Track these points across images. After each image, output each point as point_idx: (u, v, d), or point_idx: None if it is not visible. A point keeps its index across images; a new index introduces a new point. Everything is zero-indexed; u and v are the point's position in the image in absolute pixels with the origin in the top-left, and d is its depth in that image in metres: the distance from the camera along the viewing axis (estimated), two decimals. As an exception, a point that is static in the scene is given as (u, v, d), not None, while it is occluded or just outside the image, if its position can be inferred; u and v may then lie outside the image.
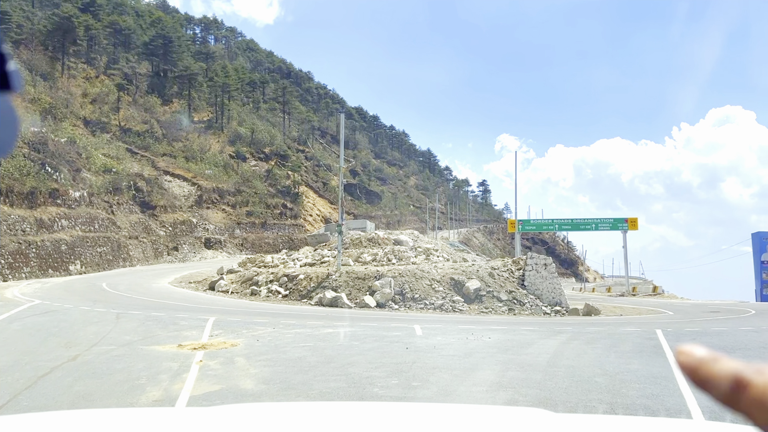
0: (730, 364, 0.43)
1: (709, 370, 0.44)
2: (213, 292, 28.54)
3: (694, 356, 0.45)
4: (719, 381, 0.43)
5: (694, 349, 0.46)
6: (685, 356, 0.45)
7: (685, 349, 0.47)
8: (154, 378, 8.98)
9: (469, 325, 16.35)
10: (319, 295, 24.77)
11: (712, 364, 0.44)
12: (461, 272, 26.89)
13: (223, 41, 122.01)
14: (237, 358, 10.40)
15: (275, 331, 13.78)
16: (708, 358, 0.45)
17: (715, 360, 0.44)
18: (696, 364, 0.44)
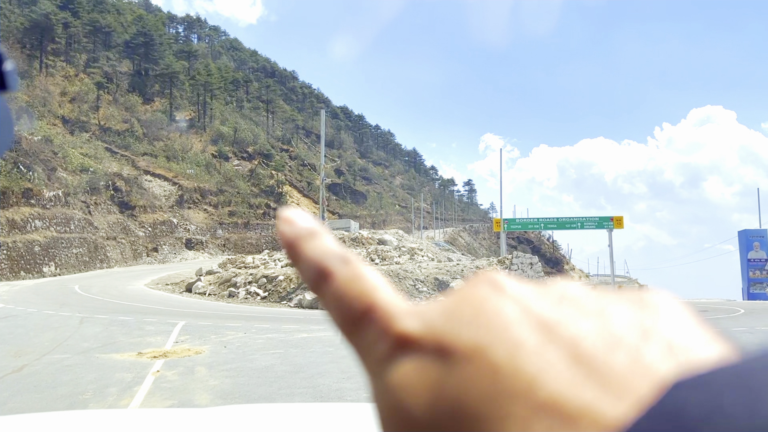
0: (324, 245, 0.37)
1: (303, 248, 0.38)
2: (190, 294, 27.54)
3: (295, 228, 0.39)
4: (308, 263, 0.37)
5: (297, 219, 0.39)
6: (287, 226, 0.39)
7: (288, 216, 0.39)
8: (102, 392, 8.07)
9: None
10: (298, 297, 23.87)
11: (308, 240, 0.38)
12: (446, 272, 26.12)
13: (206, 40, 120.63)
14: (198, 368, 9.50)
15: (245, 337, 12.89)
16: (306, 233, 0.38)
17: (312, 236, 0.38)
18: (293, 238, 0.38)
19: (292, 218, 0.39)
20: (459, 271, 26.29)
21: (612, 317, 0.29)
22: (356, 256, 0.37)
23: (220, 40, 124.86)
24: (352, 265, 0.37)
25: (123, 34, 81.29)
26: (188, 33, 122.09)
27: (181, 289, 28.73)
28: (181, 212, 55.89)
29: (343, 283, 0.36)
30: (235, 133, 73.68)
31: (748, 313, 23.23)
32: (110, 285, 29.46)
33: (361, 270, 0.37)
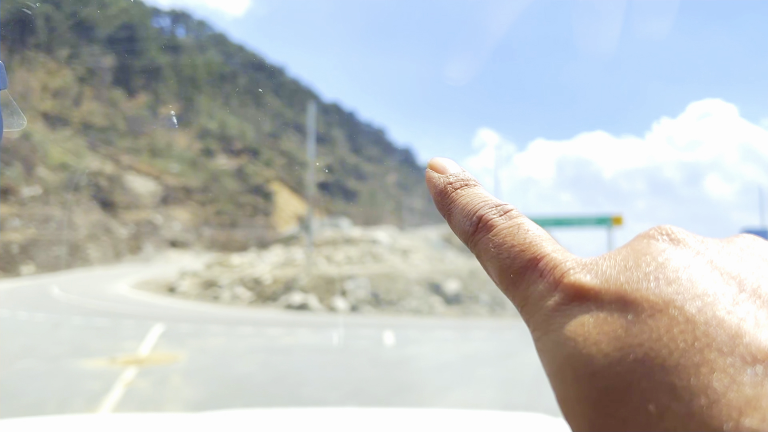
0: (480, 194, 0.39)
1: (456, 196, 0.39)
2: (172, 296, 27.07)
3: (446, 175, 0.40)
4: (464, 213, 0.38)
5: (448, 166, 0.41)
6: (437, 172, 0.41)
7: (438, 163, 0.41)
8: (66, 403, 7.68)
9: (447, 331, 15.21)
10: (285, 299, 23.46)
11: (461, 189, 0.39)
12: (439, 272, 25.77)
13: (193, 33, 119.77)
14: (173, 376, 9.11)
15: (227, 342, 12.50)
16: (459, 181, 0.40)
17: (466, 185, 0.40)
18: (445, 186, 0.40)
19: (443, 164, 0.40)
20: (453, 271, 25.95)
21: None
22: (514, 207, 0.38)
23: (206, 34, 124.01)
24: (512, 214, 0.37)
25: (107, 27, 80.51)
26: (174, 27, 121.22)
27: (163, 291, 28.25)
28: (165, 211, 55.34)
29: (504, 233, 0.36)
30: (222, 129, 73.09)
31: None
32: (90, 286, 28.96)
33: (522, 220, 0.37)
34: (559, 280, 0.32)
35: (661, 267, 0.30)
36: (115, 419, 1.81)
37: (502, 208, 0.38)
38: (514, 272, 0.35)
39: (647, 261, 0.31)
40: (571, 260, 0.33)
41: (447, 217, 0.40)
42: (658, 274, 0.30)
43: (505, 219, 0.37)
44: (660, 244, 0.32)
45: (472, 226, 0.37)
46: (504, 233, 0.36)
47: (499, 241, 0.36)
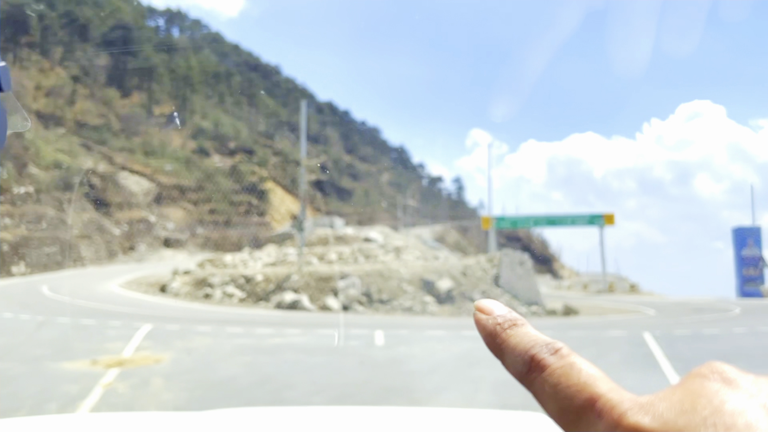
0: (529, 334, 0.40)
1: (506, 337, 0.40)
2: (163, 295, 26.64)
3: (494, 317, 0.41)
4: (515, 354, 0.39)
5: (495, 308, 0.41)
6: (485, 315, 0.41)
7: (485, 305, 0.42)
8: (40, 407, 7.28)
9: (438, 331, 14.85)
10: (277, 298, 23.07)
11: (510, 330, 0.40)
12: (432, 271, 25.42)
13: (187, 33, 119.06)
14: (154, 379, 8.72)
15: (214, 342, 12.11)
16: (507, 322, 0.41)
17: (514, 325, 0.40)
18: (494, 328, 0.41)
19: (490, 307, 0.41)
20: (446, 270, 25.60)
21: None
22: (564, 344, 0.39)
23: (201, 34, 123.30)
24: (564, 354, 0.38)
25: (101, 26, 79.80)
26: (169, 26, 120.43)
27: (154, 290, 27.82)
28: (159, 210, 54.82)
29: (558, 373, 0.37)
30: (216, 128, 72.55)
31: (745, 312, 22.74)
32: (81, 285, 28.50)
33: (574, 359, 0.38)
34: (618, 422, 0.32)
35: (717, 412, 0.30)
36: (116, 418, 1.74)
37: (552, 346, 0.38)
38: (572, 413, 0.35)
39: (703, 404, 0.31)
40: (628, 400, 0.33)
41: (500, 358, 0.40)
42: (716, 419, 0.30)
43: (557, 358, 0.38)
44: (713, 385, 0.32)
45: (525, 366, 0.38)
46: (558, 373, 0.37)
47: (554, 381, 0.36)
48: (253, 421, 1.61)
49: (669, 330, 15.35)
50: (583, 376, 0.36)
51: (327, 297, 23.31)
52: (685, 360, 10.14)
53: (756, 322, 17.66)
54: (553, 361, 0.38)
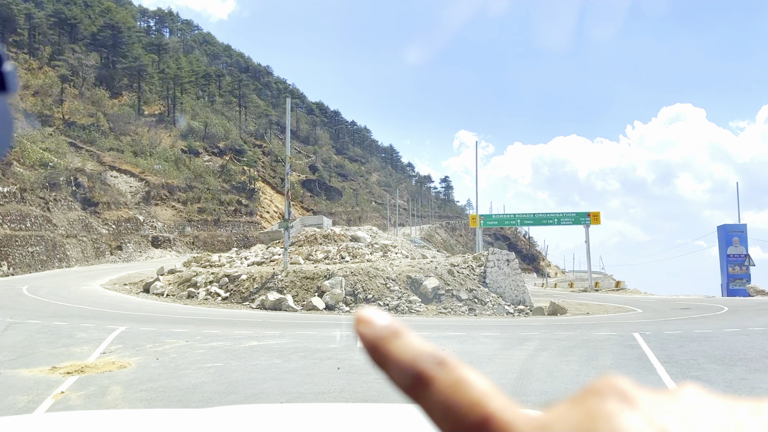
0: (412, 345, 0.36)
1: (389, 349, 0.36)
2: (147, 295, 25.78)
3: (375, 328, 0.37)
4: (400, 367, 0.36)
5: (374, 318, 0.38)
6: (365, 326, 0.38)
7: (365, 316, 0.38)
8: (-20, 423, 6.48)
9: (423, 332, 14.12)
10: (261, 298, 22.27)
11: (392, 341, 0.37)
12: (418, 270, 24.71)
13: (178, 34, 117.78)
14: (113, 387, 7.94)
15: (186, 345, 11.32)
16: (388, 333, 0.37)
17: (396, 336, 0.37)
18: (375, 340, 0.37)
19: (370, 318, 0.38)
20: (433, 269, 24.90)
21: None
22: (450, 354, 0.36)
23: (192, 35, 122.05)
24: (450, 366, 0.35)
25: (90, 26, 78.47)
26: (160, 27, 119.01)
27: (138, 290, 26.95)
28: (147, 209, 53.78)
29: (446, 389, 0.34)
30: (205, 128, 71.51)
31: (732, 310, 22.18)
32: (63, 285, 27.56)
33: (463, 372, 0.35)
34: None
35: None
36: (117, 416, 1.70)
37: (437, 357, 0.36)
38: None
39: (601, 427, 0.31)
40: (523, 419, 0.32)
41: (384, 371, 0.37)
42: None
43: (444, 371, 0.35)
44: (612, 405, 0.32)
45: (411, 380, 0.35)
46: (447, 388, 0.34)
47: (443, 398, 0.34)
48: (255, 418, 1.59)
49: (658, 329, 14.71)
50: (474, 392, 0.34)
51: (312, 296, 22.55)
52: (680, 364, 9.48)
53: (746, 321, 17.05)
54: (440, 374, 0.35)
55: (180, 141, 68.28)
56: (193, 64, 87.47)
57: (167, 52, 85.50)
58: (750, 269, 35.39)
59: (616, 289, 49.74)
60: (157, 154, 62.47)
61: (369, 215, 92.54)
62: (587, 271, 58.68)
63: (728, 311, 21.77)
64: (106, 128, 62.70)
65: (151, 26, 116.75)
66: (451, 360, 0.35)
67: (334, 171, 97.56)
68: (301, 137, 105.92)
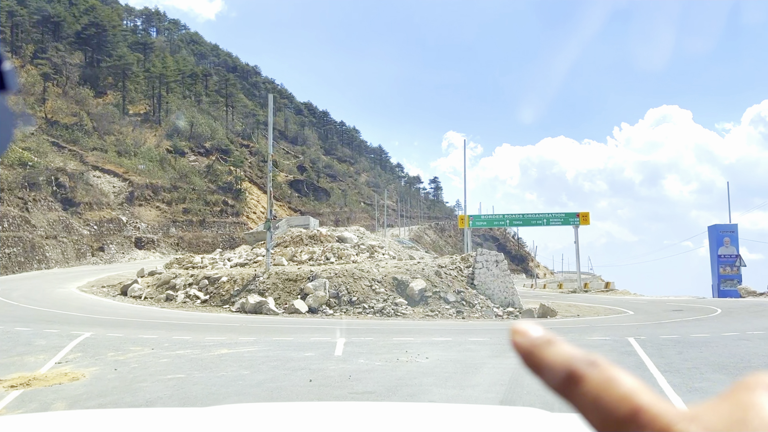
0: (565, 350, 0.40)
1: (543, 355, 0.40)
2: (124, 298, 24.85)
3: (529, 338, 0.41)
4: (553, 369, 0.39)
5: (529, 329, 0.42)
6: (521, 337, 0.41)
7: (520, 328, 0.42)
8: None
9: (407, 337, 13.35)
10: (241, 301, 21.41)
11: (546, 348, 0.40)
12: (405, 271, 23.93)
13: (165, 34, 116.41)
14: (57, 404, 7.11)
15: (151, 354, 10.48)
16: (542, 341, 0.41)
17: (550, 343, 0.41)
18: (530, 348, 0.41)
19: (524, 329, 0.42)
20: (420, 270, 24.13)
21: None
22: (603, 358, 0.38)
23: (179, 34, 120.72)
24: (602, 366, 0.38)
25: (74, 24, 77.04)
26: (147, 26, 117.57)
27: (116, 293, 25.99)
28: (131, 209, 52.65)
29: (598, 385, 0.36)
30: (191, 128, 70.37)
31: (726, 312, 21.57)
32: (37, 288, 26.54)
33: (613, 371, 0.37)
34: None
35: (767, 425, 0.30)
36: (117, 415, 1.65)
37: (589, 359, 0.38)
38: (614, 424, 0.34)
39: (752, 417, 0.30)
40: (672, 411, 0.33)
41: (538, 375, 0.40)
42: None
43: (595, 370, 0.37)
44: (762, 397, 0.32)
45: (565, 379, 0.38)
46: (598, 385, 0.36)
47: (594, 394, 0.36)
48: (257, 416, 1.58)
49: (653, 333, 14.02)
50: (624, 388, 0.36)
51: (295, 299, 21.72)
52: (681, 373, 8.75)
53: (743, 324, 16.41)
54: (591, 373, 0.37)
55: (165, 141, 67.12)
56: (179, 63, 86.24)
57: (153, 51, 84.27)
58: (741, 270, 34.90)
59: (605, 290, 49.18)
60: (141, 153, 61.30)
61: (358, 216, 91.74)
62: (576, 271, 58.16)
63: (722, 313, 21.17)
64: (89, 127, 61.46)
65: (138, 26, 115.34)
66: (602, 361, 0.38)
67: (322, 171, 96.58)
68: (289, 137, 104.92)
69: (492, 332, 14.91)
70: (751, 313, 20.90)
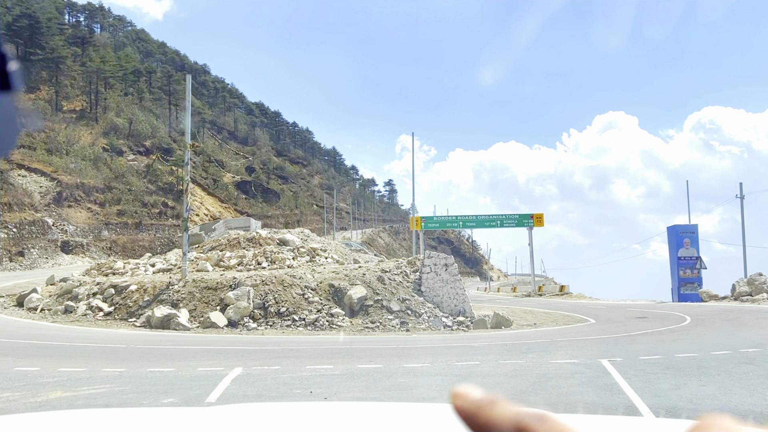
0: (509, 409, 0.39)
1: (488, 415, 0.39)
2: (18, 309, 21.20)
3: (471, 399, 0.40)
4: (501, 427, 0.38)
5: (470, 391, 0.41)
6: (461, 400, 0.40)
7: (460, 391, 0.41)
8: None
9: (327, 362, 10.40)
10: (147, 314, 18.09)
11: (491, 408, 0.39)
12: (343, 277, 20.97)
13: (110, 30, 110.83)
14: None
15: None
16: (486, 402, 0.39)
17: (494, 404, 0.39)
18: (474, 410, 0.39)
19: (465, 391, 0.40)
20: (360, 276, 21.20)
21: None
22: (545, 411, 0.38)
23: (125, 31, 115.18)
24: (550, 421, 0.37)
25: (5, 15, 71.70)
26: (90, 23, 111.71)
27: (9, 304, 22.26)
28: (58, 211, 48.22)
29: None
30: (130, 126, 65.91)
31: (698, 321, 19.28)
32: None
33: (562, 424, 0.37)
34: None
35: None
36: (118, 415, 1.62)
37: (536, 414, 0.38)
38: None
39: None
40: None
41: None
42: None
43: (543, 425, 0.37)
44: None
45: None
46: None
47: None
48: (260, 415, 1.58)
49: (629, 352, 11.42)
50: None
51: (213, 311, 18.53)
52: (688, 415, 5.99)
53: (724, 336, 14.00)
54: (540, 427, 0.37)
55: (101, 139, 62.60)
56: (122, 59, 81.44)
57: (92, 45, 79.29)
58: (702, 272, 33.12)
59: (560, 294, 47.19)
60: (74, 152, 56.76)
61: (309, 219, 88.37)
62: (530, 274, 56.27)
63: (693, 322, 18.86)
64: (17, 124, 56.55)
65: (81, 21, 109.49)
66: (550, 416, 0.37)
67: (273, 173, 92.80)
68: (239, 138, 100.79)
69: (435, 353, 12.07)
70: (726, 321, 18.65)
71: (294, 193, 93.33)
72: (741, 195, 36.02)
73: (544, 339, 15.00)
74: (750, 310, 22.78)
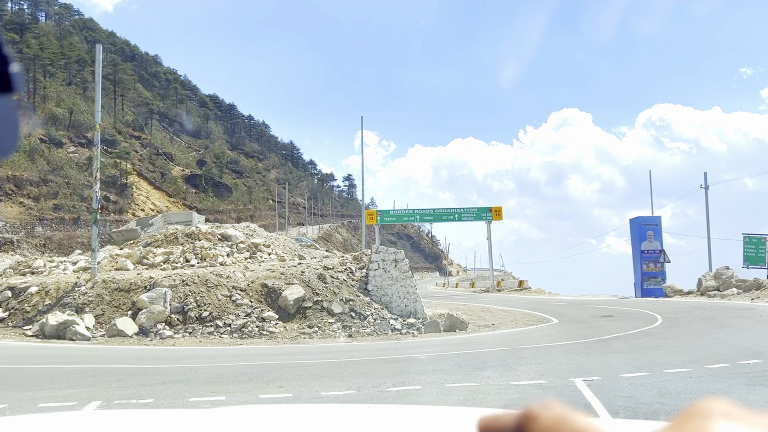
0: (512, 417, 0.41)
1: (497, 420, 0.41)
2: None
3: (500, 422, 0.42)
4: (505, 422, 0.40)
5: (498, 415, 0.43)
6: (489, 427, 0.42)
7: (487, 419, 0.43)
8: None
9: (224, 389, 7.91)
10: (41, 321, 15.23)
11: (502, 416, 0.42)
12: (279, 275, 18.42)
13: (55, 18, 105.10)
14: None
15: None
16: None
17: None
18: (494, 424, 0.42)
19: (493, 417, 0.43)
20: (298, 274, 18.68)
21: None
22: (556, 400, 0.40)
23: (72, 20, 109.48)
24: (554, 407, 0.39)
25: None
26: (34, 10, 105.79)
27: None
28: (-16, 206, 44.25)
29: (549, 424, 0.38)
30: (71, 116, 61.70)
31: (671, 320, 17.37)
32: None
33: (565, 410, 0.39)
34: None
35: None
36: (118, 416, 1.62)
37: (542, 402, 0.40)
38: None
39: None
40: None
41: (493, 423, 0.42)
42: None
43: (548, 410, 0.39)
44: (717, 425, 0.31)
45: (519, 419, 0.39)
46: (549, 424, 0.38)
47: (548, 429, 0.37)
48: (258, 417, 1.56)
49: (606, 366, 9.24)
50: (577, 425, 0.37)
51: (122, 316, 15.78)
52: None
53: (713, 342, 11.98)
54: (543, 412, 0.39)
55: (39, 129, 58.28)
56: (64, 47, 76.77)
57: (31, 32, 74.41)
58: (665, 266, 31.60)
59: (519, 289, 45.55)
60: (7, 143, 52.47)
61: (264, 214, 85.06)
62: (489, 269, 54.64)
63: (666, 322, 16.91)
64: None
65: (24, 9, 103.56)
66: (555, 403, 0.39)
67: (227, 167, 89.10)
68: (191, 131, 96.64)
69: (370, 372, 9.65)
70: (702, 320, 16.77)
71: (248, 187, 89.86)
72: (705, 185, 34.69)
73: (503, 346, 12.75)
74: (723, 307, 21.07)
